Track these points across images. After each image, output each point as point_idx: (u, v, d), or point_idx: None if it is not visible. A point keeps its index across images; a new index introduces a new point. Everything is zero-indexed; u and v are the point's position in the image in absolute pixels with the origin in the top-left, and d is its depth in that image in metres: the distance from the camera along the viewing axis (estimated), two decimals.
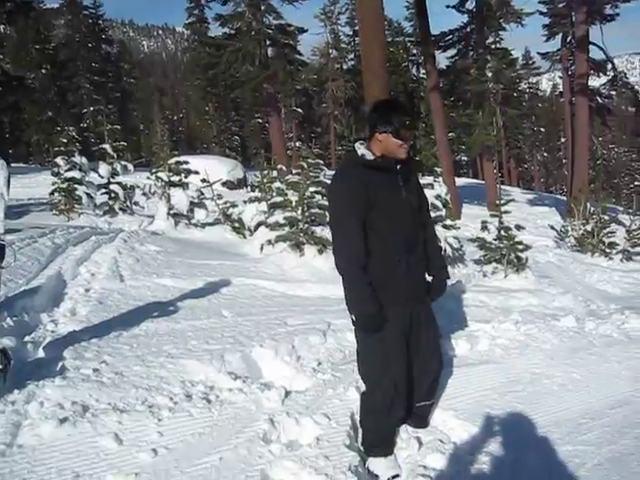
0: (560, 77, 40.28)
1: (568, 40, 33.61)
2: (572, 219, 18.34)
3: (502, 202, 10.56)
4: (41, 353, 4.88)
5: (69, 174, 14.58)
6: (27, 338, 5.10)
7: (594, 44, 29.44)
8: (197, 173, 13.68)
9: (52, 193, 14.61)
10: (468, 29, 33.70)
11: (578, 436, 4.30)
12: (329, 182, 3.98)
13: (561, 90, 42.05)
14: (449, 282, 4.55)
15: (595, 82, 32.99)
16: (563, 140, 63.28)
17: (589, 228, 16.13)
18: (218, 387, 4.61)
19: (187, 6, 55.76)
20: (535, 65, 62.93)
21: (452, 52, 35.54)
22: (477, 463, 3.92)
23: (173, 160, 13.60)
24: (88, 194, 14.63)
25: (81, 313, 5.97)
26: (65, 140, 15.41)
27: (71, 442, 3.58)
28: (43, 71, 53.07)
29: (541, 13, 34.72)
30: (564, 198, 34.67)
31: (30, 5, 31.60)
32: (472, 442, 4.18)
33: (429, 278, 4.13)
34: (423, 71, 50.77)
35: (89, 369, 4.49)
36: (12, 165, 32.37)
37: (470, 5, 32.57)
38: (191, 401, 4.18)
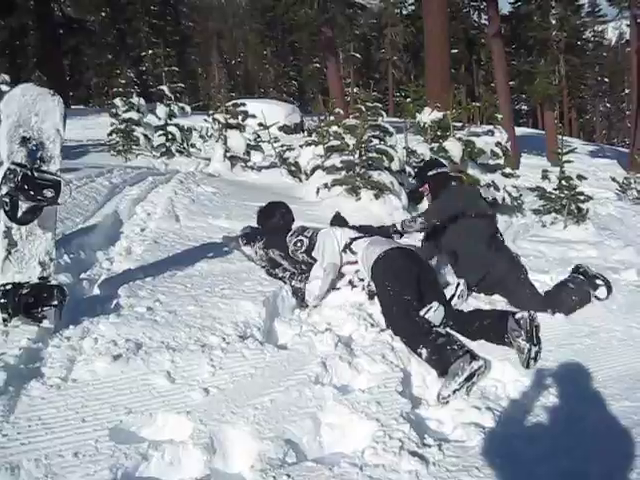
0: (627, 25, 38.96)
1: None
2: (635, 172, 17.91)
3: (564, 151, 10.29)
4: (96, 290, 4.91)
5: (127, 115, 14.68)
6: (83, 275, 5.12)
7: None
8: (254, 117, 13.62)
9: (110, 134, 14.72)
10: None
11: (637, 392, 4.18)
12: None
13: (627, 38, 40.71)
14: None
15: None
16: (627, 91, 61.65)
17: None
18: (271, 329, 4.62)
19: None
20: (601, 12, 61.14)
21: None
22: (531, 415, 3.84)
23: (230, 103, 13.57)
24: (145, 135, 14.73)
25: (136, 252, 5.98)
26: (123, 81, 15.49)
27: (124, 378, 3.60)
28: (103, 14, 53.27)
29: None
30: (626, 150, 33.84)
31: None
32: (526, 394, 4.10)
33: None
34: (485, 17, 49.66)
35: (143, 307, 4.49)
36: (72, 107, 32.72)
37: None
38: (244, 342, 4.16)
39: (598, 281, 5.82)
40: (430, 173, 6.52)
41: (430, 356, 4.18)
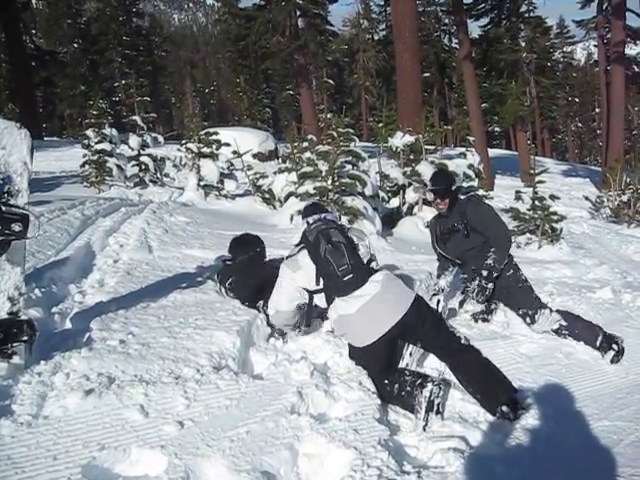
0: (595, 45, 39.52)
1: (604, 7, 32.94)
2: (607, 190, 18.10)
3: (536, 172, 10.37)
4: (68, 324, 4.84)
5: (99, 146, 14.61)
6: (54, 309, 5.05)
7: (631, 11, 28.80)
8: (228, 145, 13.61)
9: (83, 165, 14.64)
10: None
11: (615, 411, 4.21)
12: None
13: (596, 59, 41.29)
14: None
15: (632, 50, 32.39)
16: (598, 110, 62.46)
17: (625, 199, 15.92)
18: (246, 358, 4.58)
19: None
20: (570, 34, 62.06)
21: (485, 21, 35.21)
22: (510, 438, 3.83)
23: (203, 131, 13.57)
24: (118, 166, 14.66)
25: (109, 284, 5.91)
26: (96, 112, 15.45)
27: (97, 414, 3.54)
28: (75, 45, 53.38)
29: None
30: (598, 169, 34.24)
31: None
32: None
33: None
34: (455, 40, 50.26)
35: (116, 340, 4.42)
36: (45, 139, 32.57)
37: None
38: (218, 373, 4.11)
39: (614, 345, 5.32)
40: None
41: (405, 406, 4.15)
